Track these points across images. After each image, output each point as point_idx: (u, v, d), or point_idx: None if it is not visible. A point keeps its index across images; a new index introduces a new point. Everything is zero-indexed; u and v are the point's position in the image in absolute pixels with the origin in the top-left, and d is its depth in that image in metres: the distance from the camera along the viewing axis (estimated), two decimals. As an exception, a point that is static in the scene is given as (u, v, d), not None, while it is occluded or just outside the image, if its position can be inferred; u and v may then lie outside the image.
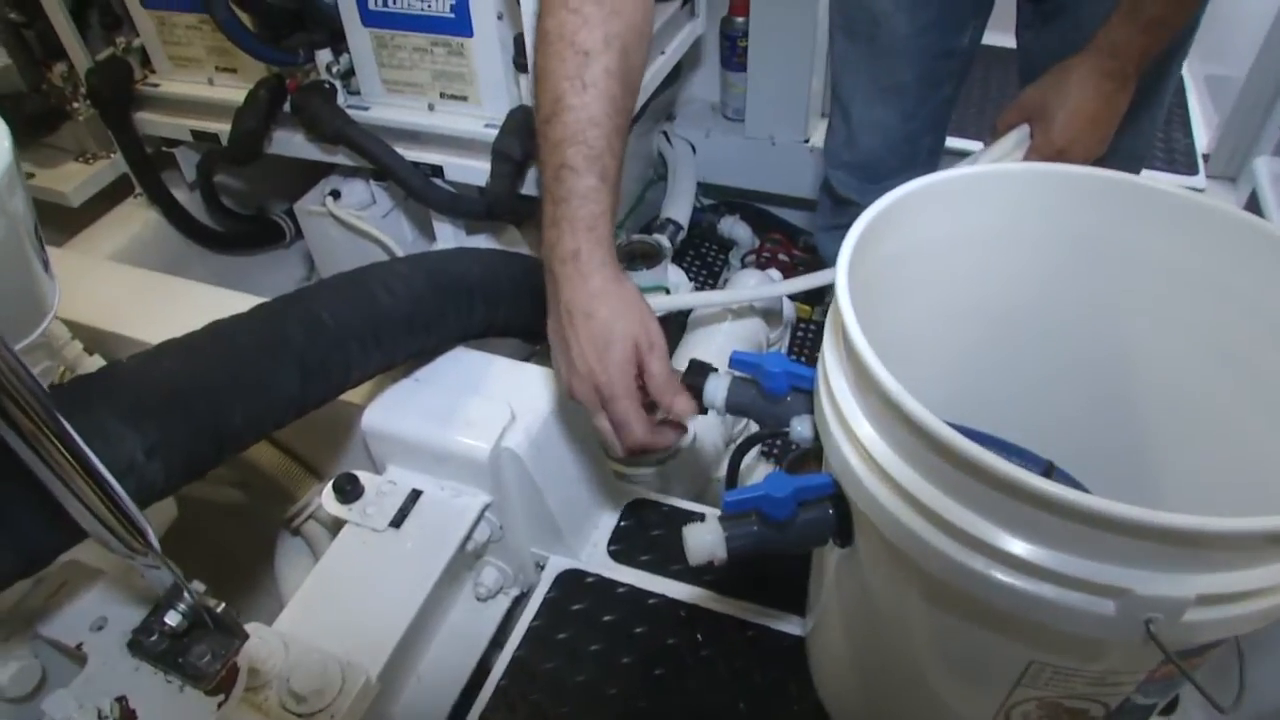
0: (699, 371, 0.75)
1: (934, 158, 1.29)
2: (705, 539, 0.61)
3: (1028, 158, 0.94)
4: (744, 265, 1.89)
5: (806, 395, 0.66)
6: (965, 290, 0.71)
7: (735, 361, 0.71)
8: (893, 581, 0.58)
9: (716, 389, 0.73)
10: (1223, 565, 0.45)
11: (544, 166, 0.73)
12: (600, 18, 0.72)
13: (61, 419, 0.46)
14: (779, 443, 1.58)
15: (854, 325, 0.51)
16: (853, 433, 0.53)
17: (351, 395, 0.85)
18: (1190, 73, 1.88)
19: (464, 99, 1.21)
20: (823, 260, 1.48)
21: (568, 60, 0.72)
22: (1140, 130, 1.10)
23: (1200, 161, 1.67)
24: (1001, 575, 0.47)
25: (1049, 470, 0.75)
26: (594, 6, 0.72)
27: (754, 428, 1.27)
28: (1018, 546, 0.46)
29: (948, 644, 0.58)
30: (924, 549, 0.50)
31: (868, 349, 0.50)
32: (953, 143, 1.34)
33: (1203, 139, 1.72)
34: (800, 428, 0.64)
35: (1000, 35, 1.21)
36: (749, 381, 0.71)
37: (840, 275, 0.55)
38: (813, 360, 0.62)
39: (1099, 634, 0.47)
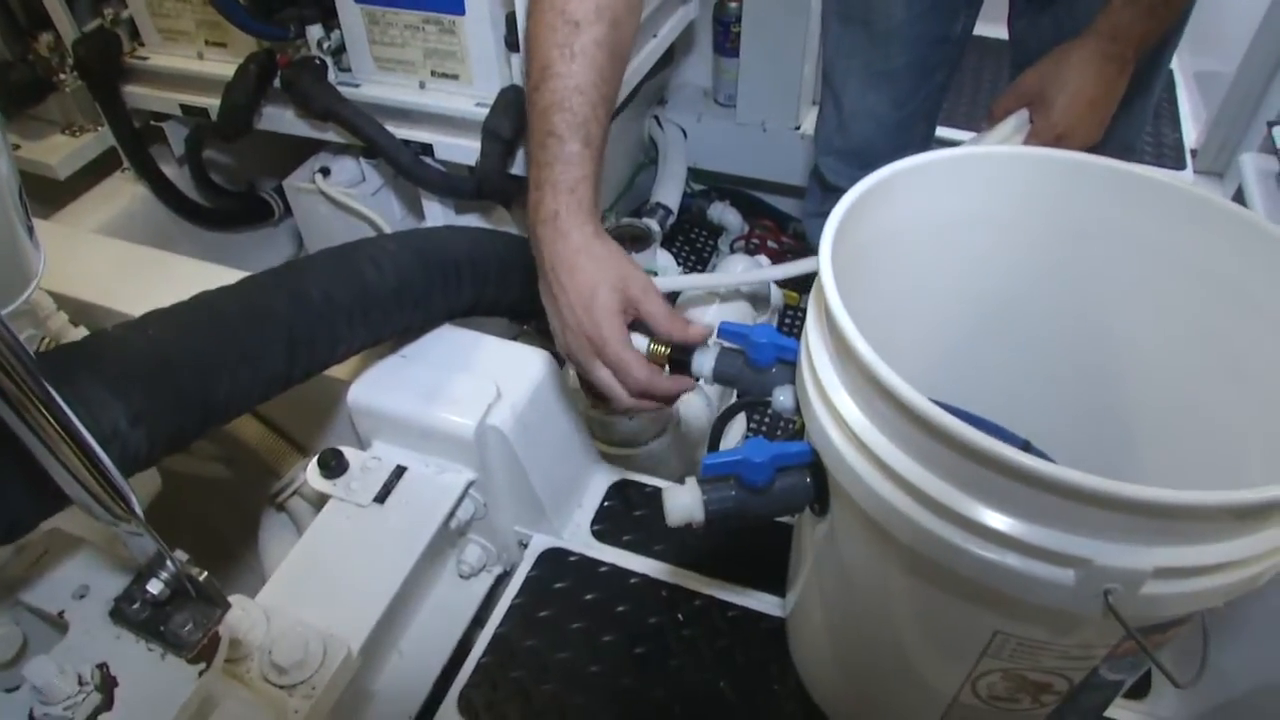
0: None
1: (925, 146, 1.29)
2: (683, 500, 0.62)
3: (1027, 143, 0.94)
4: (733, 251, 1.89)
5: (791, 366, 0.67)
6: (950, 273, 0.72)
7: (723, 331, 0.72)
8: (865, 548, 0.59)
9: (705, 359, 0.74)
10: (1182, 539, 0.45)
11: (530, 133, 0.75)
12: None
13: (46, 383, 0.46)
14: (766, 420, 1.59)
15: (834, 294, 0.52)
16: (830, 401, 0.54)
17: (337, 371, 0.85)
18: (1180, 68, 1.89)
19: (455, 77, 1.20)
20: (811, 247, 1.48)
21: (558, 29, 0.73)
22: (1133, 119, 1.10)
23: (1188, 157, 1.67)
24: (968, 543, 0.48)
25: (1025, 448, 0.76)
26: None
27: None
28: (985, 515, 0.47)
29: (917, 613, 0.59)
30: (895, 516, 0.51)
31: (846, 318, 0.51)
32: (943, 132, 1.35)
33: (1191, 134, 1.72)
34: (783, 397, 0.65)
35: (991, 26, 1.21)
36: (736, 352, 0.72)
37: (825, 245, 0.55)
38: (799, 343, 0.62)
39: (1060, 604, 0.48)
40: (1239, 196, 1.51)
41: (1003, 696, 0.60)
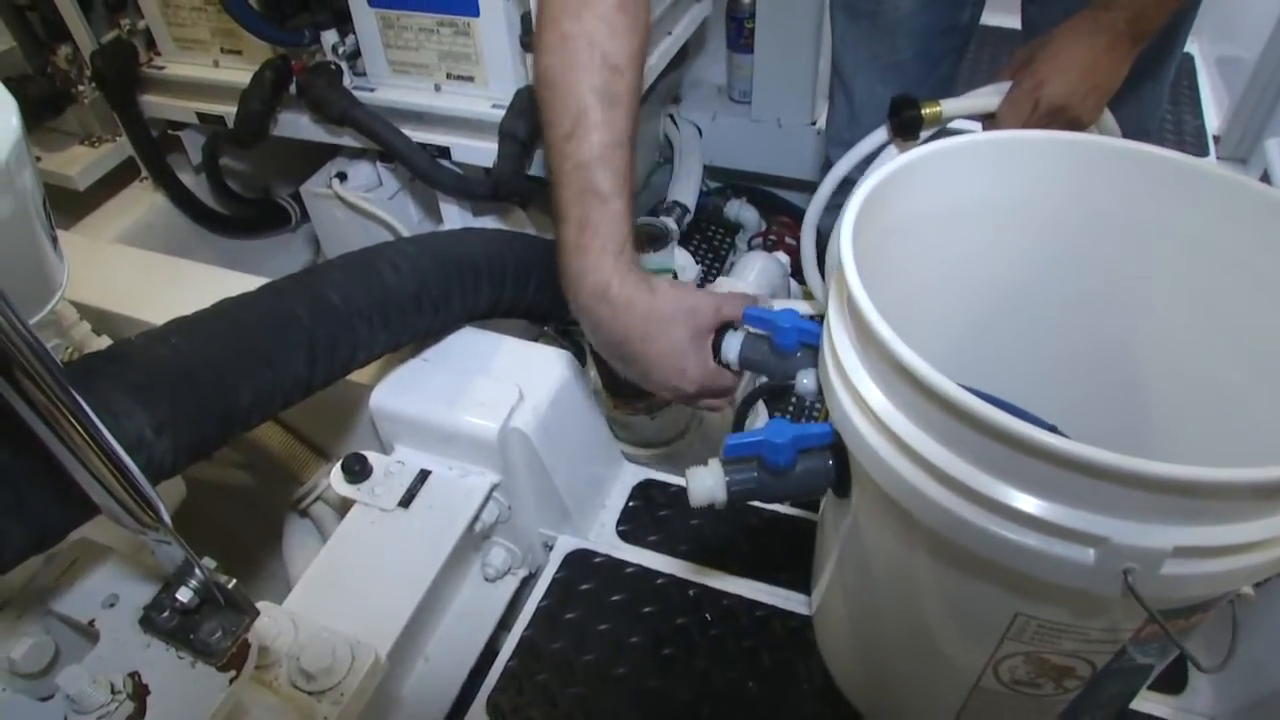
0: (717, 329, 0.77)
1: (935, 137, 1.29)
2: (706, 481, 0.63)
3: (1009, 98, 0.94)
4: (750, 248, 1.88)
5: (815, 350, 0.67)
6: (966, 258, 0.72)
7: (749, 317, 0.73)
8: (887, 531, 0.59)
9: (731, 344, 0.75)
10: (1204, 518, 0.45)
11: (562, 181, 0.71)
12: (627, 27, 0.70)
13: (75, 393, 0.46)
14: (790, 407, 1.59)
15: (855, 278, 0.52)
16: (851, 383, 0.54)
17: (359, 375, 0.85)
18: (1201, 54, 1.87)
19: (470, 80, 1.20)
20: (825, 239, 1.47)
21: (594, 72, 0.69)
22: (1144, 101, 1.09)
23: (1211, 143, 1.66)
24: (989, 523, 0.48)
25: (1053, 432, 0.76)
26: (621, 15, 0.70)
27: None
28: (1005, 494, 0.47)
29: (939, 595, 0.59)
30: (915, 496, 0.50)
31: (867, 301, 0.50)
32: (954, 122, 1.33)
33: (1213, 120, 1.70)
34: (806, 380, 0.66)
35: (1002, 16, 1.20)
36: (762, 337, 0.73)
37: (845, 233, 0.55)
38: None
39: (1080, 584, 0.48)
40: (1264, 182, 1.49)
41: (1025, 681, 0.59)
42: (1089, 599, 0.50)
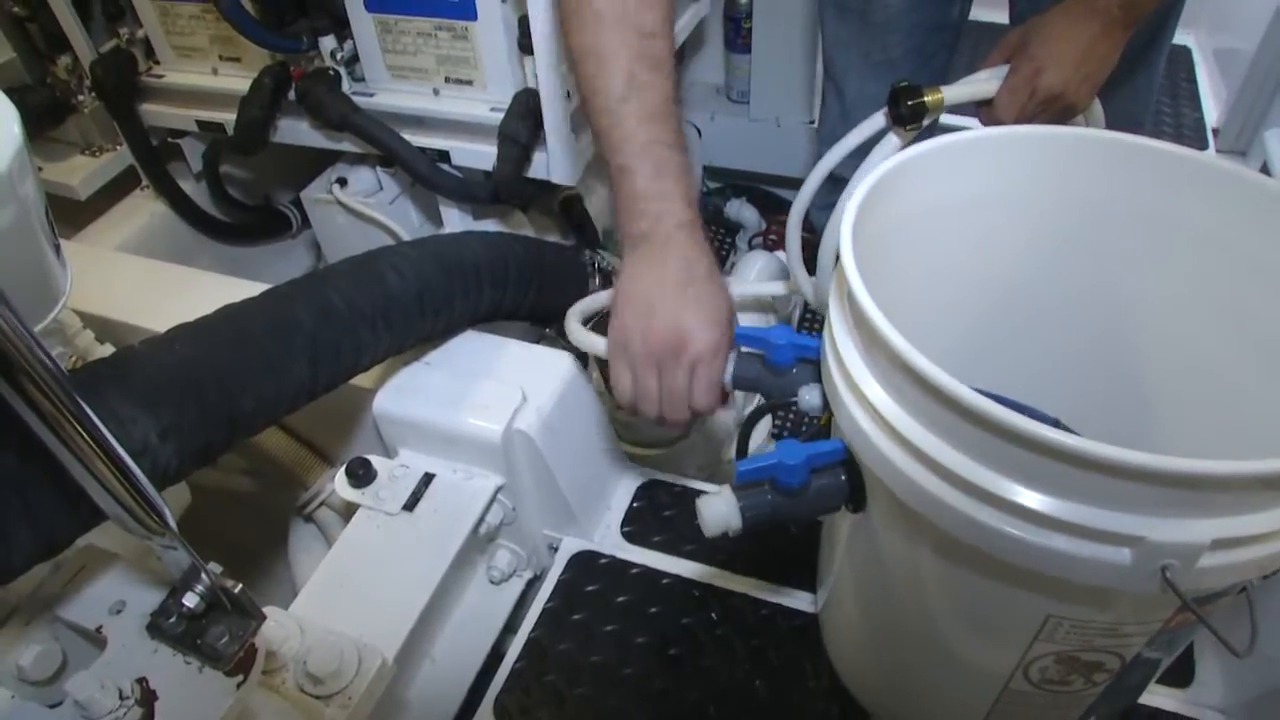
0: None
1: (928, 133, 1.28)
2: (720, 509, 0.61)
3: (1006, 84, 0.93)
4: (750, 248, 1.88)
5: (812, 365, 0.66)
6: (964, 255, 0.72)
7: (740, 336, 0.71)
8: (906, 542, 0.58)
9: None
10: (1232, 510, 0.45)
11: (623, 138, 0.73)
12: None
13: (80, 400, 0.46)
14: (789, 422, 1.58)
15: (858, 283, 0.51)
16: (861, 394, 0.53)
17: (362, 380, 0.85)
18: (1199, 46, 1.87)
19: (469, 83, 1.20)
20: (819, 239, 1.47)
21: (634, 41, 0.73)
22: (1136, 91, 1.09)
23: (1210, 136, 1.65)
24: (1016, 529, 0.48)
25: (1055, 425, 0.76)
26: None
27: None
28: (1032, 499, 0.47)
29: (964, 603, 0.59)
30: (937, 506, 0.50)
31: (873, 307, 0.50)
32: (945, 119, 1.33)
33: (1212, 113, 1.70)
34: (809, 396, 0.65)
35: (991, 10, 1.20)
36: (755, 356, 0.71)
37: (845, 233, 0.55)
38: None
39: (1116, 584, 0.47)
40: (1264, 174, 1.49)
41: (1055, 680, 0.59)
42: (1120, 595, 0.50)
